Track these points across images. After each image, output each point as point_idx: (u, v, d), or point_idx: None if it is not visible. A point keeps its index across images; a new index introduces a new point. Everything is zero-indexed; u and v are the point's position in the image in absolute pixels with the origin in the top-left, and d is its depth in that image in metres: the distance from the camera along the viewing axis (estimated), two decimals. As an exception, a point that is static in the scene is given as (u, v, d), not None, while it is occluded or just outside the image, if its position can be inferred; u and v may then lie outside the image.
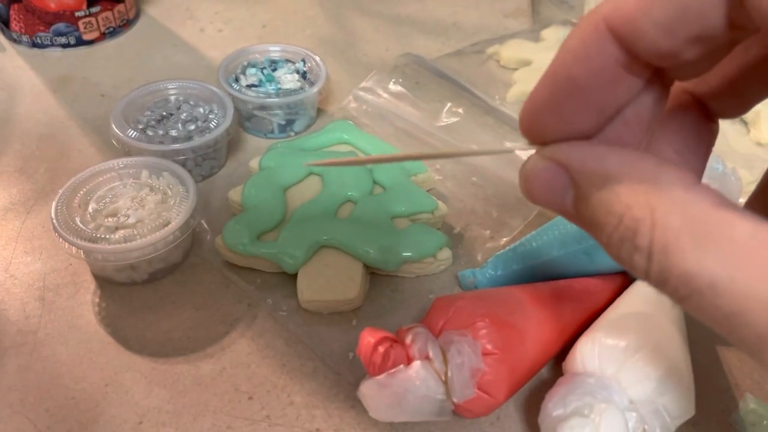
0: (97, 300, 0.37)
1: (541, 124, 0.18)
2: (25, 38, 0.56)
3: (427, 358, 0.29)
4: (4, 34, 0.58)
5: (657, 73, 0.17)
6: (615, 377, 0.28)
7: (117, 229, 0.36)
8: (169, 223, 0.36)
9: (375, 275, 0.39)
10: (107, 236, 0.35)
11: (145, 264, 0.37)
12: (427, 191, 0.43)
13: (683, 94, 0.20)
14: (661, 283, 0.15)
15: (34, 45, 0.56)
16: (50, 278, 0.38)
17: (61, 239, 0.35)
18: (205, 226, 0.41)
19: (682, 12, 0.15)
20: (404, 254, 0.37)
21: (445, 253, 0.38)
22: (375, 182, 0.41)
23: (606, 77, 0.16)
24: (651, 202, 0.15)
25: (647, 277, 0.15)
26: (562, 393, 0.28)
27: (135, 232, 0.35)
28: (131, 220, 0.36)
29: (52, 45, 0.56)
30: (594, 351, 0.28)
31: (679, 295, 0.15)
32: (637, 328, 0.29)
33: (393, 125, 0.49)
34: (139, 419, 0.32)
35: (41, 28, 0.55)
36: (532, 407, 0.32)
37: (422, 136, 0.47)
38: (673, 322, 0.31)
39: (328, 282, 0.36)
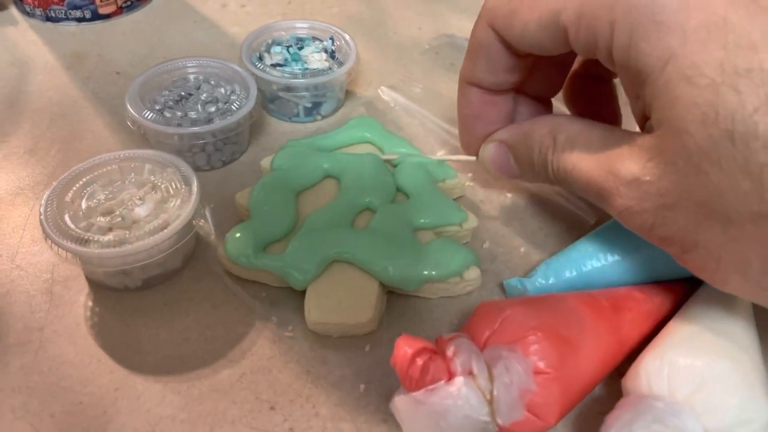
0: (108, 294, 0.34)
1: (475, 139, 0.35)
2: (38, 11, 0.53)
3: (470, 373, 0.26)
4: (16, 6, 0.55)
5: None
6: (688, 402, 0.24)
7: (110, 229, 0.32)
8: (168, 225, 0.32)
9: (393, 294, 0.35)
10: (98, 238, 0.31)
11: (138, 270, 0.33)
12: (456, 199, 0.39)
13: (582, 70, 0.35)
14: (556, 173, 0.29)
15: (48, 19, 0.53)
16: (59, 270, 0.35)
17: (47, 239, 0.31)
18: (211, 227, 0.38)
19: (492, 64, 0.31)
20: (426, 273, 0.33)
21: (473, 273, 0.34)
22: (398, 188, 0.37)
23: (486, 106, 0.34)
24: (551, 133, 0.29)
25: (553, 175, 0.30)
26: (627, 419, 0.24)
27: (129, 235, 0.32)
28: (127, 221, 0.33)
29: (67, 19, 0.53)
30: (663, 371, 0.25)
31: (557, 182, 0.30)
32: (712, 347, 0.25)
33: (423, 126, 0.45)
34: (151, 428, 0.29)
35: (55, 0, 0.52)
36: (584, 428, 0.29)
37: (454, 142, 0.43)
38: (749, 339, 0.27)
39: (339, 302, 0.32)
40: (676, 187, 0.24)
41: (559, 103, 0.38)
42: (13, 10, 0.55)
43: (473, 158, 0.35)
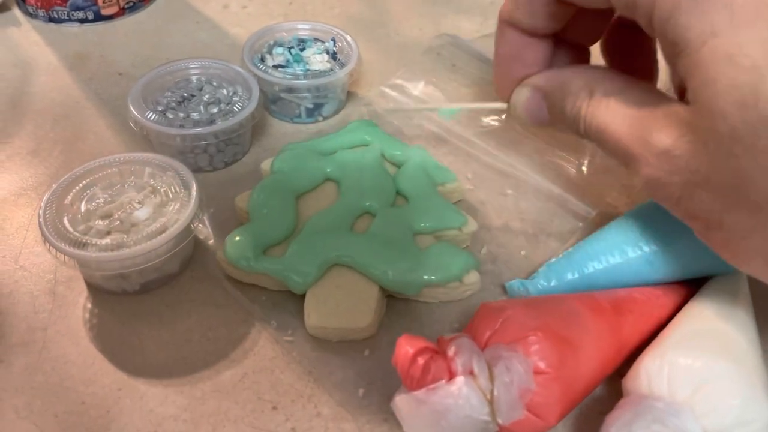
0: (110, 296, 0.34)
1: (510, 81, 0.32)
2: (41, 12, 0.53)
3: (471, 373, 0.26)
4: (19, 8, 0.55)
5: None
6: (688, 403, 0.24)
7: (108, 233, 0.32)
8: (166, 230, 0.32)
9: (392, 298, 0.34)
10: (96, 241, 0.31)
11: (135, 274, 0.33)
12: (455, 203, 0.39)
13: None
14: (588, 129, 0.28)
15: (51, 20, 0.54)
16: (62, 270, 0.35)
17: (45, 242, 0.31)
18: (210, 231, 0.37)
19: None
20: (426, 277, 0.33)
21: (473, 277, 0.34)
22: (398, 192, 0.37)
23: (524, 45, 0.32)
24: (588, 87, 0.28)
25: (584, 130, 0.28)
26: (627, 419, 0.25)
27: (126, 239, 0.32)
28: (126, 225, 0.33)
29: (69, 20, 0.53)
30: (663, 371, 0.25)
31: (587, 137, 0.28)
32: (712, 347, 0.26)
33: (422, 127, 0.45)
34: (153, 428, 0.29)
35: (58, 1, 0.52)
36: (584, 428, 0.29)
37: (455, 141, 0.43)
38: (749, 340, 0.27)
39: (338, 306, 0.32)
40: (706, 167, 0.23)
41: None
42: (16, 11, 0.55)
43: (504, 105, 0.33)
